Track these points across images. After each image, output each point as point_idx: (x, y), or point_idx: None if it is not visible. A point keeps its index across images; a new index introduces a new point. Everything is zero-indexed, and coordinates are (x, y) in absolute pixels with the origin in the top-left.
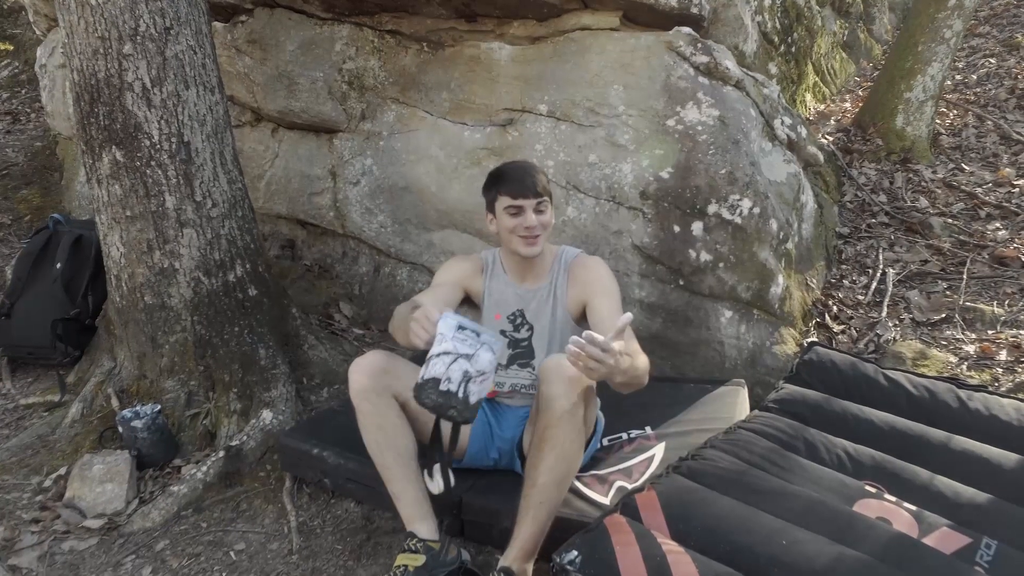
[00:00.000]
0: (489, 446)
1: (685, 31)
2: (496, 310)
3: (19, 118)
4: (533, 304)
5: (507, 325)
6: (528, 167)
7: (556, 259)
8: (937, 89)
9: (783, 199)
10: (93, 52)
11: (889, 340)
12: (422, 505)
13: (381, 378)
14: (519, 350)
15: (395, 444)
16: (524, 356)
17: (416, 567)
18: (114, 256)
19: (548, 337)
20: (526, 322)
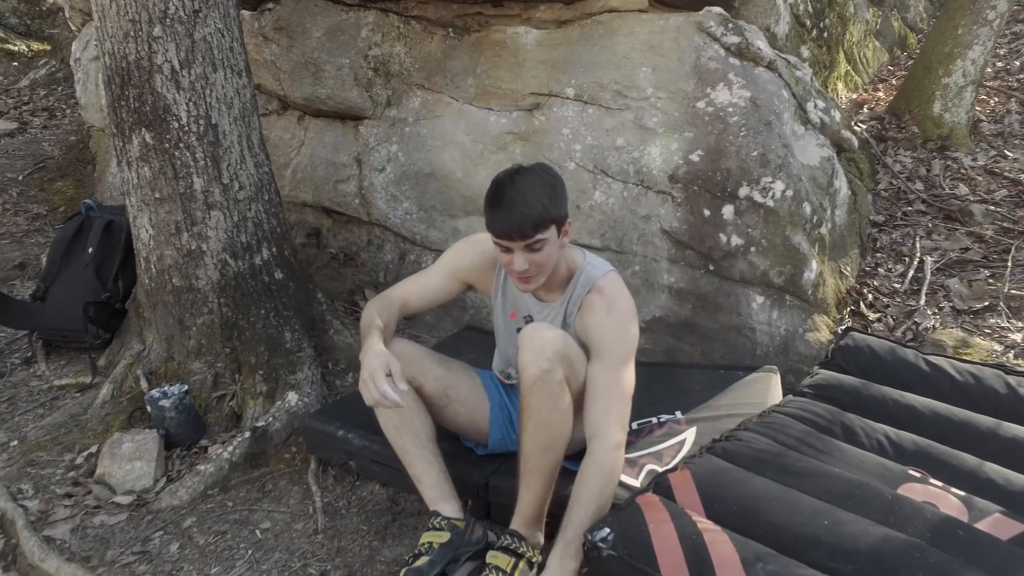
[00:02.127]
0: (510, 431)
1: (716, 11)
2: (512, 309)
3: (55, 114)
4: (542, 315)
5: (521, 323)
6: (523, 198)
7: (576, 277)
8: (978, 74)
9: (816, 183)
10: (124, 35)
11: (928, 328)
12: (443, 486)
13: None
14: None
15: (412, 427)
16: None
17: (441, 544)
18: (143, 238)
19: None
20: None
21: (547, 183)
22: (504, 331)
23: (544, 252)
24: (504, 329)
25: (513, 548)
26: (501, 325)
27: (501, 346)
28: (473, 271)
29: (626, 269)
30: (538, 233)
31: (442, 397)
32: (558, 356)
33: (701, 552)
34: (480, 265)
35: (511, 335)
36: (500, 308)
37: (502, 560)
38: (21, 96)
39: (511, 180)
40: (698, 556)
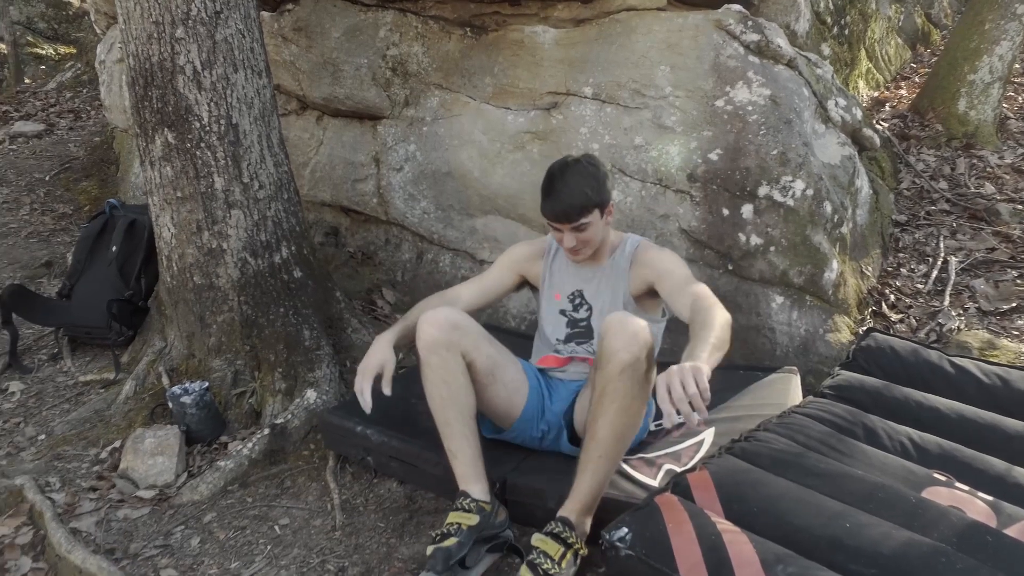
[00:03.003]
0: (538, 418)
1: (735, 9)
2: (555, 290)
3: (80, 115)
4: (593, 283)
5: (566, 304)
6: (569, 188)
7: (620, 244)
8: (1006, 70)
9: (837, 182)
10: (147, 37)
11: (952, 329)
12: (477, 465)
13: (451, 333)
14: (578, 329)
15: (458, 401)
16: (583, 336)
17: (470, 526)
18: (165, 237)
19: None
20: (585, 302)
21: (591, 174)
22: (547, 311)
23: (589, 232)
24: (547, 310)
25: (564, 537)
26: (544, 306)
27: (546, 321)
28: (526, 261)
29: None
30: (583, 217)
31: (488, 376)
32: (647, 347)
33: (720, 552)
34: (532, 255)
35: (553, 314)
36: (547, 292)
37: (551, 547)
38: (48, 98)
39: (561, 171)
40: (717, 556)
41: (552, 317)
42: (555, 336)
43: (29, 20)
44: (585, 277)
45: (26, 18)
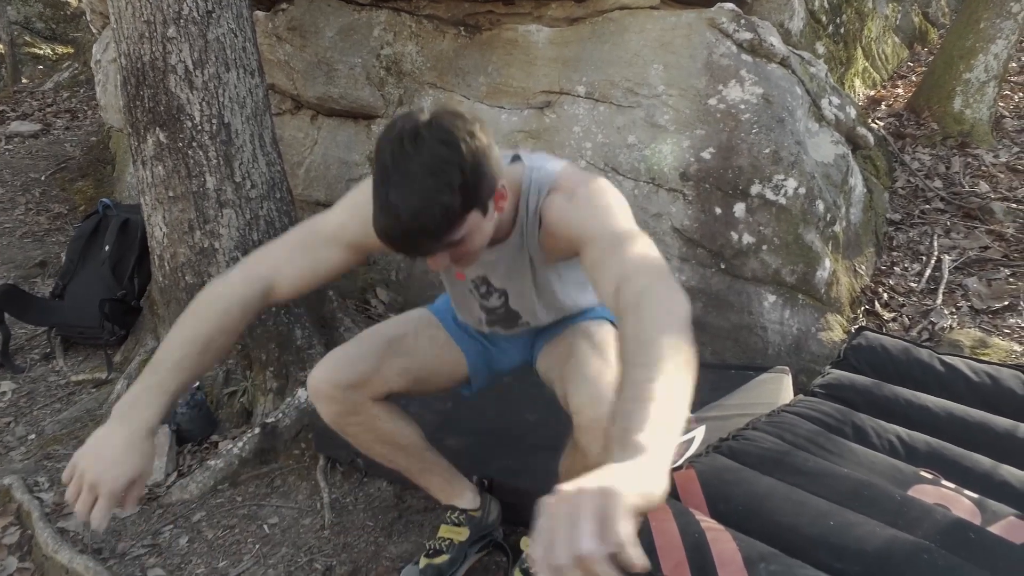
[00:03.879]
0: (491, 369)
1: (728, 7)
2: (457, 270)
3: (77, 115)
4: (500, 267)
5: (473, 290)
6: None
7: (523, 201)
8: (1001, 69)
9: (830, 181)
10: (139, 36)
11: (945, 328)
12: (452, 483)
13: (351, 398)
14: (495, 316)
15: (399, 448)
16: (505, 321)
17: (460, 541)
18: (157, 236)
19: (531, 296)
20: (494, 289)
21: (445, 161)
22: (457, 291)
23: (467, 244)
24: (455, 288)
25: None
26: (448, 283)
27: (457, 303)
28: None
29: None
30: (446, 237)
31: (414, 384)
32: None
33: (703, 551)
34: None
35: (465, 296)
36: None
37: None
38: (45, 98)
39: (395, 167)
40: (700, 555)
41: (463, 297)
42: (477, 316)
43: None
44: (485, 261)
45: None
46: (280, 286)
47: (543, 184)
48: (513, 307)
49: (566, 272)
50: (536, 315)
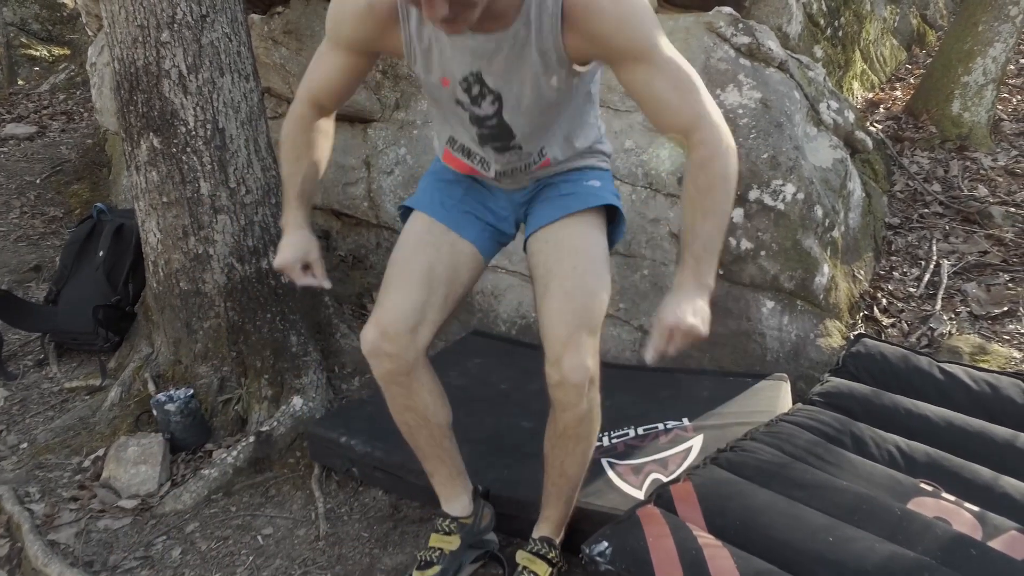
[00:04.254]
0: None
1: (726, 11)
2: (441, 73)
3: (73, 117)
4: (498, 61)
5: (461, 94)
6: None
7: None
8: (999, 72)
9: (829, 186)
10: (133, 41)
11: (944, 334)
12: (455, 482)
13: (407, 348)
14: (486, 130)
15: (427, 424)
16: (498, 138)
17: (452, 551)
18: (151, 242)
19: (530, 108)
20: (487, 91)
21: None
22: (446, 105)
23: None
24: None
25: (551, 558)
26: (435, 96)
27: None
28: (367, 38)
29: (635, 272)
30: None
31: (455, 306)
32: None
33: (700, 567)
34: (373, 24)
35: (454, 111)
36: (424, 74)
37: (541, 568)
38: (41, 100)
39: None
40: (697, 571)
41: (452, 113)
42: (462, 133)
43: (23, 21)
44: (482, 51)
45: (20, 19)
46: (323, 99)
47: None
48: (506, 119)
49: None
50: (530, 137)
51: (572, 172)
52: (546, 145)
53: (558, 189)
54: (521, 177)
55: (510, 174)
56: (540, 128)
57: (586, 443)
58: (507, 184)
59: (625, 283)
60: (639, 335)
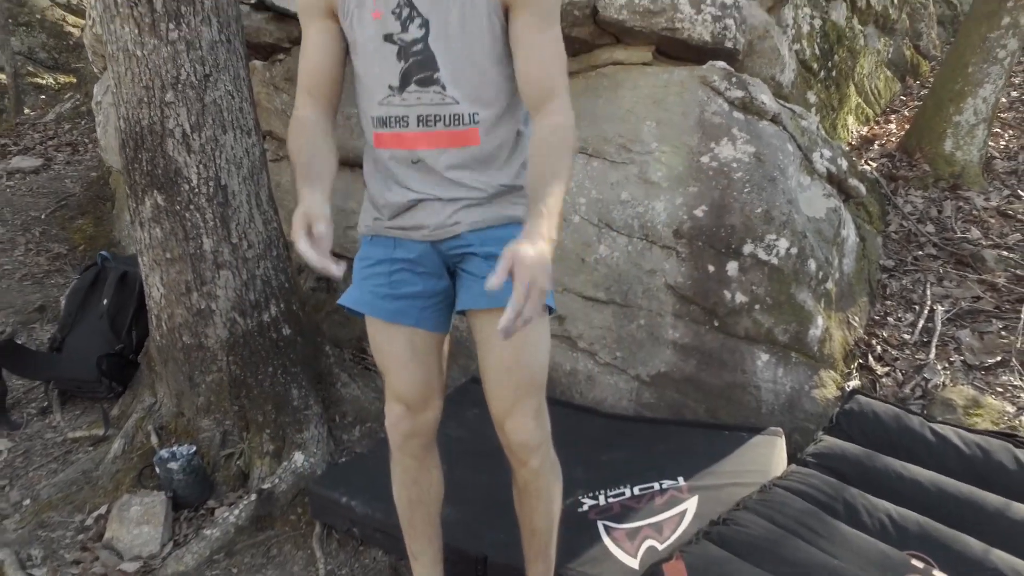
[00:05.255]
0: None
1: (719, 65)
2: (375, 6)
3: (78, 148)
4: None
5: (391, 24)
6: None
7: None
8: (990, 112)
9: (822, 236)
10: (138, 101)
11: (938, 385)
12: (437, 568)
13: (429, 420)
14: (413, 59)
15: (427, 501)
16: (423, 67)
17: None
18: (155, 297)
19: (456, 36)
20: (417, 13)
21: None
22: (364, 46)
23: None
24: (364, 44)
25: None
26: (360, 41)
27: (363, 80)
28: None
29: (631, 323)
30: None
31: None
32: (544, 439)
33: None
34: None
35: (376, 45)
36: (358, 15)
37: None
38: (47, 130)
39: None
40: None
41: (374, 52)
42: (386, 81)
43: (30, 50)
44: None
45: (27, 48)
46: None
47: None
48: (432, 46)
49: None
50: (454, 77)
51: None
52: (478, 109)
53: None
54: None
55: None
56: (465, 69)
57: (547, 499)
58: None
59: (622, 332)
60: (636, 384)
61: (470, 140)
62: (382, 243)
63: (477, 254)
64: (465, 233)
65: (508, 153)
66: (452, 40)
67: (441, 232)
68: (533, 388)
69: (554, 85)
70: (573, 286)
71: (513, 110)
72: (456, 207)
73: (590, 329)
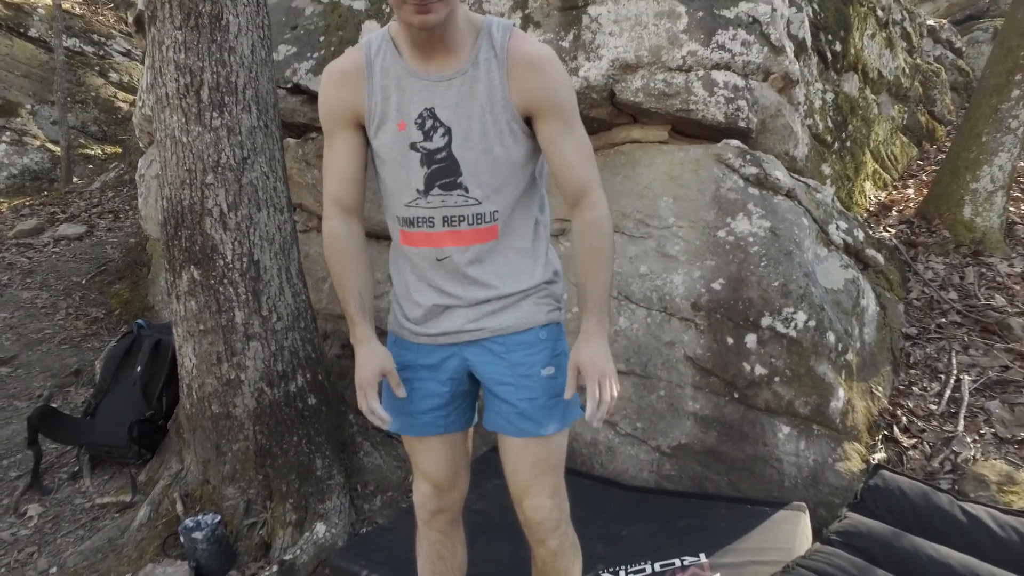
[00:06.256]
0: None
1: (733, 143)
2: (397, 116)
3: (119, 216)
4: (450, 96)
5: (415, 133)
6: None
7: (481, 33)
8: (1007, 179)
9: (841, 308)
10: (181, 183)
11: (968, 459)
12: None
13: (456, 498)
14: (436, 165)
15: (452, 575)
16: (447, 173)
17: None
18: (187, 367)
19: (478, 142)
20: (439, 124)
21: None
22: (391, 153)
23: None
24: (391, 150)
25: None
26: (386, 149)
27: (388, 185)
28: (347, 102)
29: (651, 394)
30: None
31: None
32: (563, 517)
33: None
34: (347, 87)
35: (405, 159)
36: (383, 126)
37: None
38: (92, 198)
39: None
40: None
41: (400, 160)
42: (412, 186)
43: (83, 124)
44: (435, 89)
45: (81, 122)
46: (342, 194)
47: (504, 27)
48: (456, 153)
49: (524, 159)
50: (475, 180)
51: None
52: (499, 207)
53: (515, 392)
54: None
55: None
56: (485, 173)
57: (568, 568)
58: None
59: (642, 403)
60: (657, 455)
61: (492, 235)
62: (407, 346)
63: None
64: (489, 339)
65: (530, 243)
66: (473, 147)
67: (465, 336)
68: (550, 467)
69: (588, 180)
70: None
71: (529, 200)
72: (481, 313)
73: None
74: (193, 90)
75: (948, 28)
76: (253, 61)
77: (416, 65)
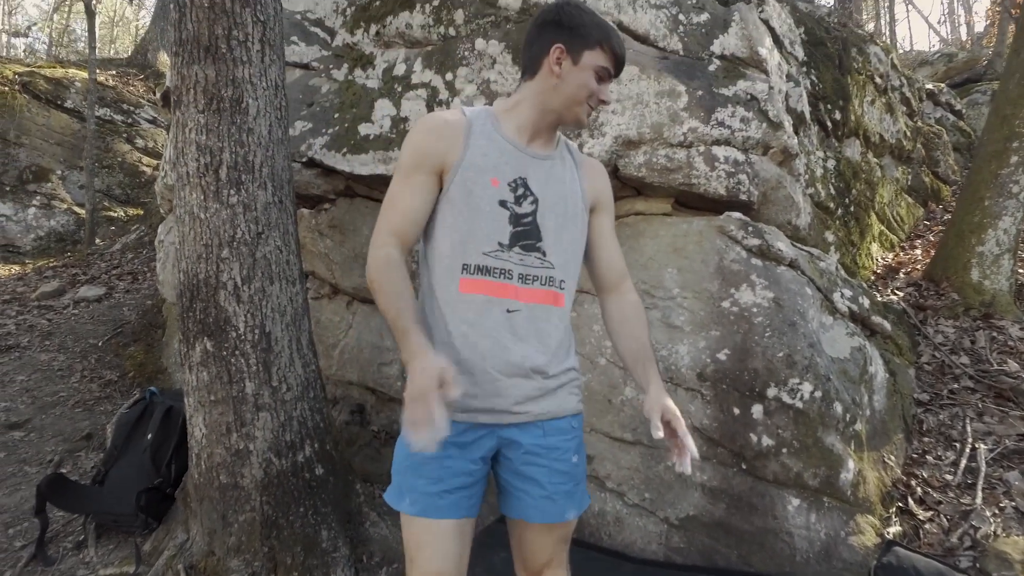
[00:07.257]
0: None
1: (736, 215)
2: (492, 173)
3: (138, 277)
4: (540, 173)
5: (507, 194)
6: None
7: (558, 133)
8: (1013, 243)
9: (848, 377)
10: (197, 257)
11: (988, 535)
12: None
13: None
14: (521, 227)
15: None
16: (529, 236)
17: None
18: (197, 436)
19: (559, 217)
20: (530, 192)
21: None
22: (485, 208)
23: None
24: (482, 204)
25: None
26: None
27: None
28: (440, 151)
29: (658, 464)
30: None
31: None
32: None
33: None
34: (449, 135)
35: (491, 212)
36: (473, 177)
37: None
38: (112, 260)
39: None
40: None
41: (488, 212)
42: (495, 238)
43: (108, 188)
44: (528, 162)
45: (106, 186)
46: (406, 228)
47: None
48: (539, 221)
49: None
50: (553, 248)
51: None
52: (566, 277)
53: (548, 475)
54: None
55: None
56: (560, 245)
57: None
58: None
59: (650, 473)
60: (665, 527)
61: (559, 301)
62: None
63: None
64: (530, 423)
65: (569, 322)
66: (556, 220)
67: (509, 418)
68: (566, 541)
69: (625, 268)
70: (600, 427)
71: (575, 285)
72: (525, 396)
73: (618, 470)
74: (212, 169)
75: (947, 91)
76: (270, 140)
77: (514, 138)
